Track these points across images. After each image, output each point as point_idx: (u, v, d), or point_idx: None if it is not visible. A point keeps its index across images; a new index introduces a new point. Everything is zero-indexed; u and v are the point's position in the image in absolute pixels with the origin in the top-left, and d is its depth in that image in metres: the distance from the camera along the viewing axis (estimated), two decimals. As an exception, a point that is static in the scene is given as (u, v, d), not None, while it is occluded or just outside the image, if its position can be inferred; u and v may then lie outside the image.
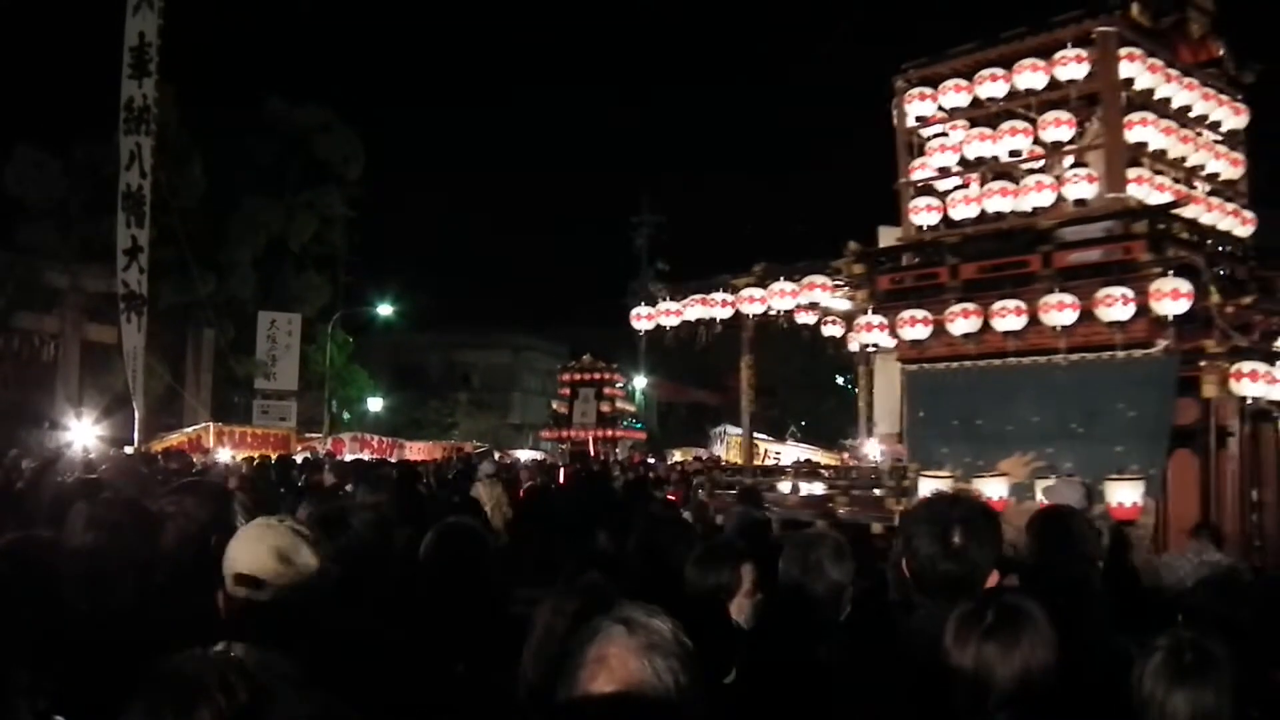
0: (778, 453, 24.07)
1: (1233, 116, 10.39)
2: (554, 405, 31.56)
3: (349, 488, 8.87)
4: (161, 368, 28.38)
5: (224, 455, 20.89)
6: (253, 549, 2.51)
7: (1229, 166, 10.37)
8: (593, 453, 27.91)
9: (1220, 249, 9.56)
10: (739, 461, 21.85)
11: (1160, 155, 9.61)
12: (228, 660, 1.99)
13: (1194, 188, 10.05)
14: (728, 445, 24.58)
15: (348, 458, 24.23)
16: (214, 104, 32.92)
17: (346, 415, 39.90)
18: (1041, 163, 9.67)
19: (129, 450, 20.05)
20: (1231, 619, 3.12)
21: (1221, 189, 10.31)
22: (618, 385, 30.90)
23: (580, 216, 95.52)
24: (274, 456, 19.67)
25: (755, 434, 25.69)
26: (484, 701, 2.97)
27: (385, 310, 39.38)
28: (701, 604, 3.28)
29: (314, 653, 2.47)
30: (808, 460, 18.41)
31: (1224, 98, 10.22)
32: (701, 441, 32.51)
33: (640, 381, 42.37)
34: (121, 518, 3.23)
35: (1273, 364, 8.54)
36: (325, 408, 34.80)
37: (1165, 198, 9.15)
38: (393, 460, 21.06)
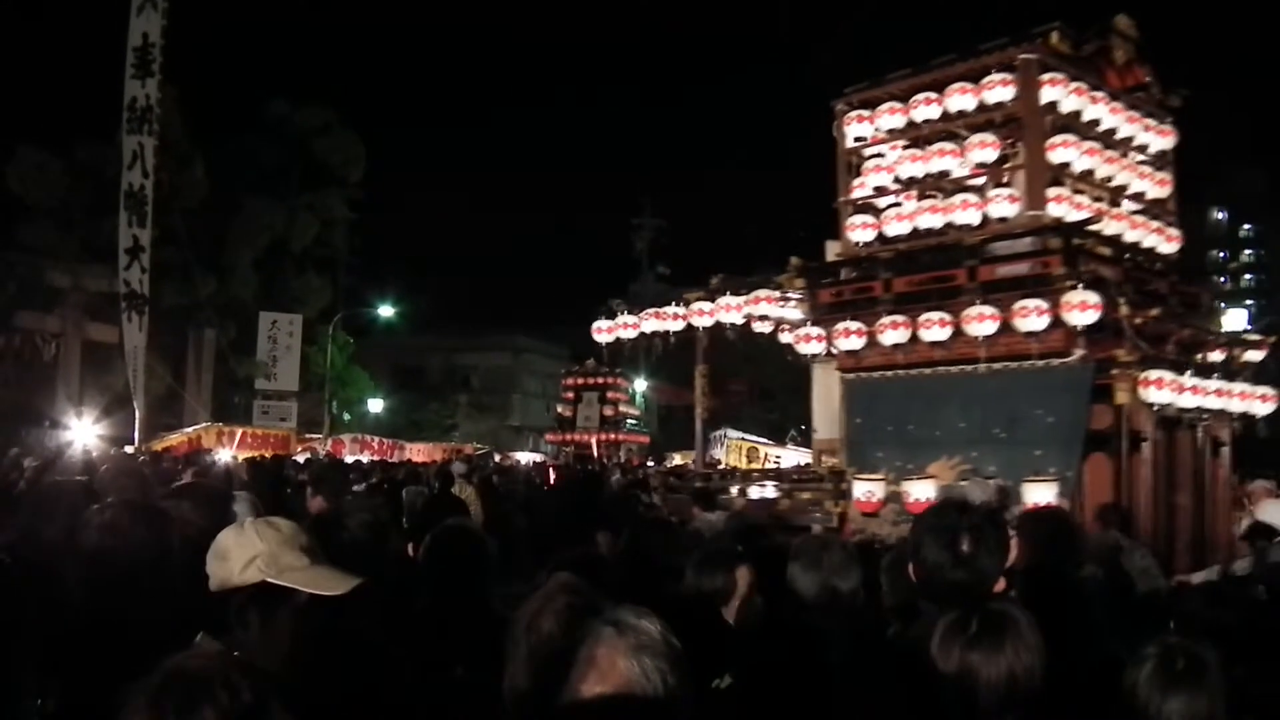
0: (778, 456, 24.06)
1: (1159, 139, 11.04)
2: (558, 409, 31.67)
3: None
4: (162, 368, 28.38)
5: (224, 455, 20.88)
6: (210, 550, 2.55)
7: (1155, 186, 10.98)
8: (596, 455, 27.99)
9: (1139, 264, 10.05)
10: (738, 465, 21.89)
11: (1084, 175, 10.16)
12: (232, 658, 2.01)
13: (1119, 206, 10.46)
14: (727, 449, 24.56)
15: (348, 459, 24.30)
16: (216, 105, 33.10)
17: (347, 416, 39.90)
18: (977, 180, 10.05)
19: (129, 449, 20.07)
20: (1220, 625, 3.15)
21: (1148, 207, 10.80)
22: (621, 389, 30.93)
23: (581, 219, 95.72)
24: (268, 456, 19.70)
25: (755, 438, 25.81)
26: (483, 704, 2.99)
27: (386, 312, 39.38)
28: (692, 606, 3.30)
29: (306, 654, 2.50)
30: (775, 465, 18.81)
31: (1151, 121, 10.92)
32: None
33: (640, 385, 42.38)
34: (127, 519, 3.25)
35: (1182, 373, 9.02)
36: (325, 409, 34.80)
37: (1084, 215, 9.58)
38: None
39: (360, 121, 40.37)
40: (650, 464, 26.97)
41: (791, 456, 23.43)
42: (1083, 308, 8.63)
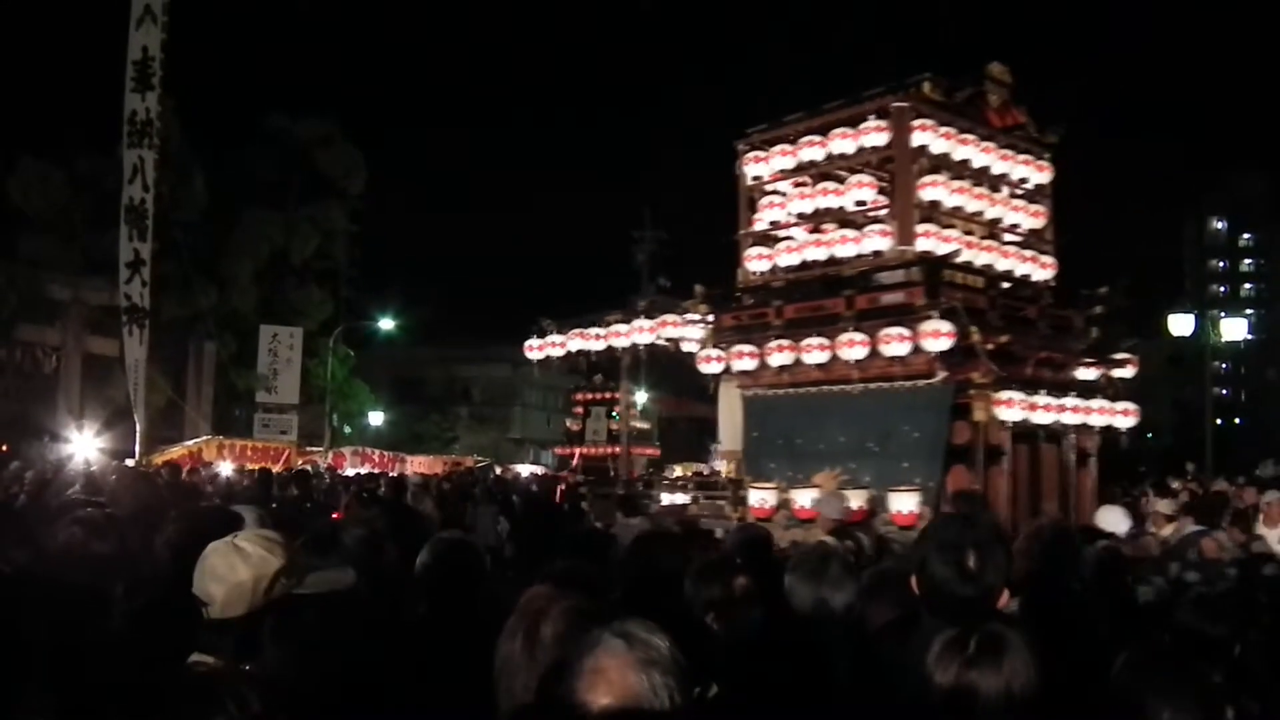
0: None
1: (1037, 173, 11.78)
2: (568, 423, 31.82)
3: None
4: (163, 381, 28.40)
5: (225, 468, 20.87)
6: (199, 569, 2.54)
7: (1031, 218, 11.77)
8: (611, 468, 28.06)
9: (1009, 291, 10.92)
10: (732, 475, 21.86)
11: (956, 211, 10.92)
12: (240, 671, 2.01)
13: (994, 238, 11.29)
14: (725, 459, 24.45)
15: (349, 472, 24.29)
16: (216, 118, 33.17)
17: (347, 429, 39.88)
18: (856, 217, 11.03)
19: (129, 462, 20.06)
20: (1215, 637, 3.14)
21: (1024, 238, 11.64)
22: (631, 404, 30.93)
23: (582, 231, 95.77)
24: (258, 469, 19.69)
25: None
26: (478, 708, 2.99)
27: (386, 324, 39.36)
28: (678, 616, 3.29)
29: (309, 667, 2.50)
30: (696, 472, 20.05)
31: (1027, 157, 11.61)
32: (702, 456, 32.43)
33: (641, 396, 42.24)
34: (125, 536, 3.26)
35: (1035, 392, 10.04)
36: (326, 421, 34.78)
37: (951, 248, 10.43)
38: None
39: (361, 133, 40.43)
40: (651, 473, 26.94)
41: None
42: (936, 335, 9.43)
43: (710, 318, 11.75)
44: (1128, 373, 11.57)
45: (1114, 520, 7.79)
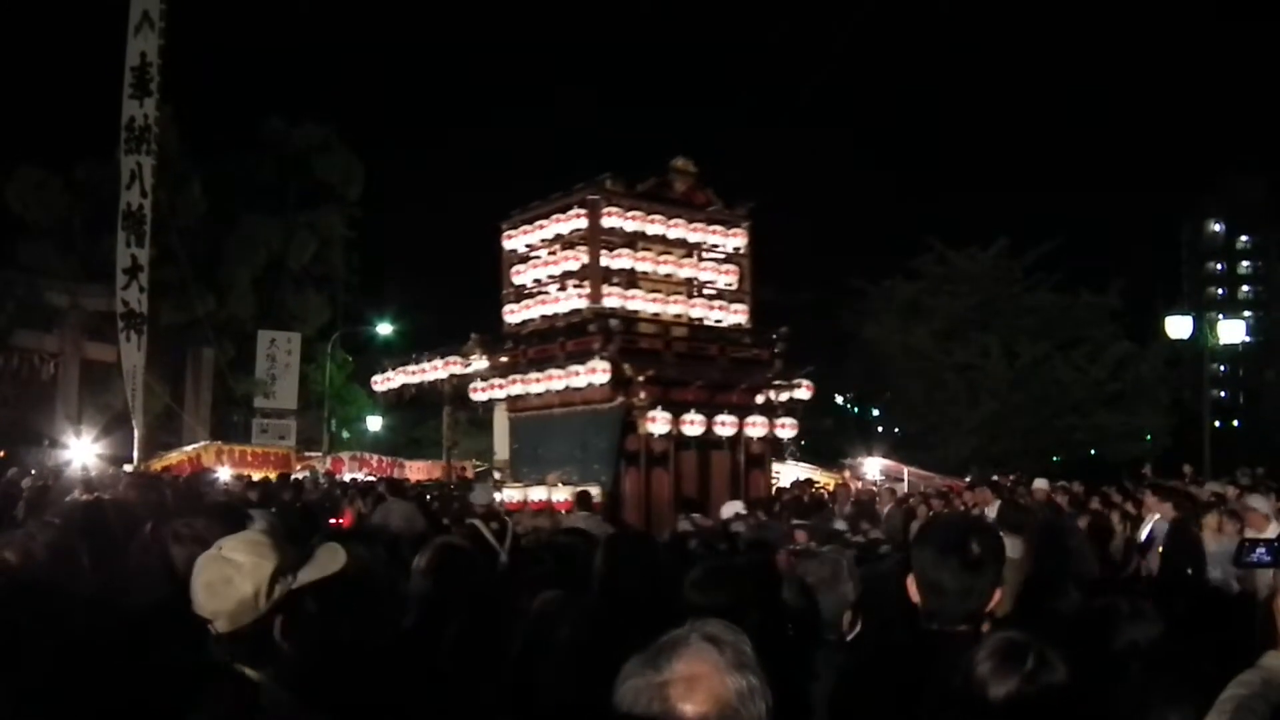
0: (777, 472, 24.03)
1: (730, 239, 14.69)
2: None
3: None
4: (161, 386, 28.37)
5: (224, 474, 20.87)
6: (194, 586, 2.51)
7: (724, 276, 14.63)
8: None
9: (693, 335, 14.05)
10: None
11: (648, 275, 13.93)
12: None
13: (690, 293, 14.33)
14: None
15: (346, 477, 24.28)
16: (214, 123, 33.09)
17: (346, 434, 39.82)
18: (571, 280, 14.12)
19: (128, 468, 20.06)
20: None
21: (719, 292, 14.55)
22: None
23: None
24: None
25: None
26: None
27: (385, 329, 39.33)
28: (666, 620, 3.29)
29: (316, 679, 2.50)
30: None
31: (719, 228, 14.58)
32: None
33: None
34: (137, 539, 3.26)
35: (686, 411, 12.96)
36: (324, 427, 34.74)
37: (636, 305, 13.60)
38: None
39: (359, 139, 40.34)
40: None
41: (791, 472, 23.41)
42: (601, 371, 12.55)
43: (484, 359, 14.78)
44: (804, 394, 14.62)
45: (731, 509, 10.65)
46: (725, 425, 13.38)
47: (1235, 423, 65.02)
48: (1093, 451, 32.97)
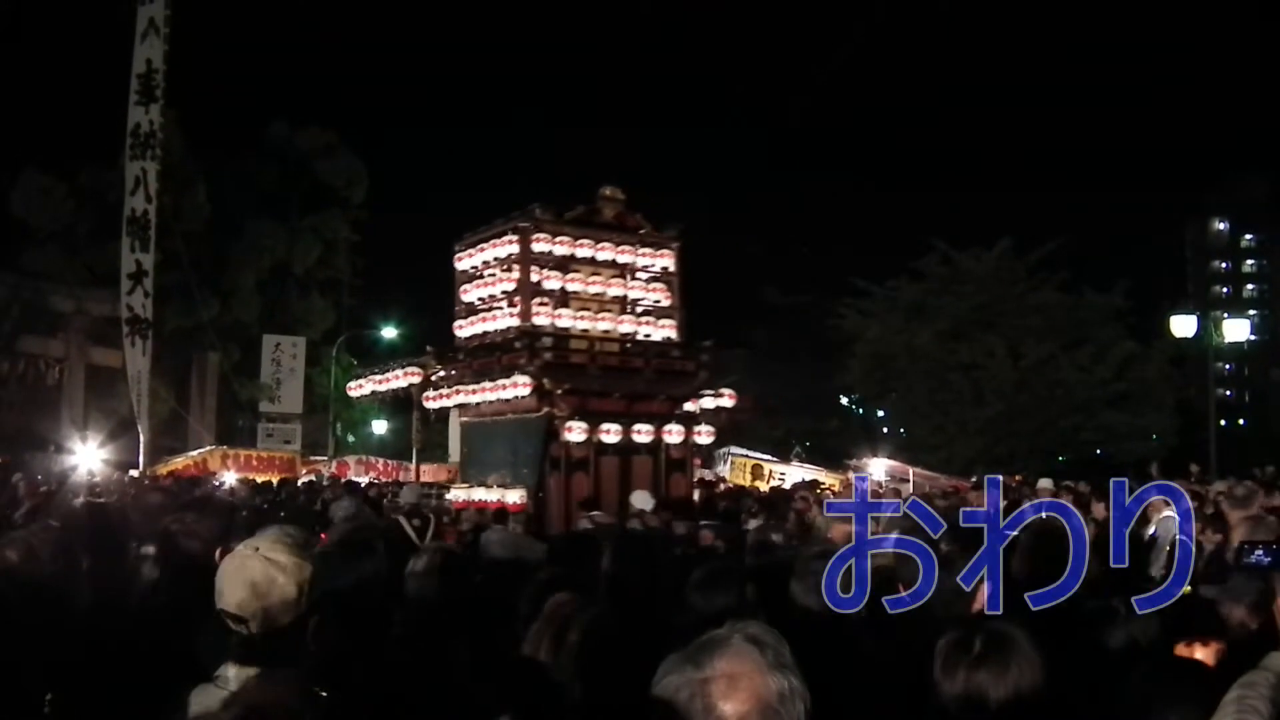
0: (782, 473, 24.03)
1: (659, 260, 15.42)
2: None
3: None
4: (166, 391, 28.43)
5: (229, 479, 20.88)
6: (231, 584, 2.48)
7: (653, 294, 15.43)
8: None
9: (624, 351, 14.78)
10: (742, 482, 21.92)
11: (578, 295, 14.73)
12: (301, 685, 1.97)
13: (621, 311, 15.06)
14: (732, 466, 24.51)
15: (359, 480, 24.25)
16: (217, 129, 33.12)
17: (351, 438, 39.86)
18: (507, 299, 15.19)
19: (133, 473, 20.08)
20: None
21: (648, 309, 15.35)
22: None
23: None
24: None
25: (759, 455, 25.77)
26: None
27: (389, 333, 39.37)
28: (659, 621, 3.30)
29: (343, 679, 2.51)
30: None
31: (649, 250, 15.33)
32: (708, 463, 32.46)
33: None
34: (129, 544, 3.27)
35: (597, 423, 13.77)
36: (330, 431, 34.79)
37: (566, 323, 14.39)
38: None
39: (362, 142, 40.38)
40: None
41: (796, 473, 23.41)
42: (515, 386, 13.68)
43: (440, 369, 15.90)
44: (727, 403, 15.85)
45: (641, 500, 11.82)
46: (642, 433, 14.42)
47: (1241, 421, 64.93)
48: (1099, 451, 32.91)
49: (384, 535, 4.63)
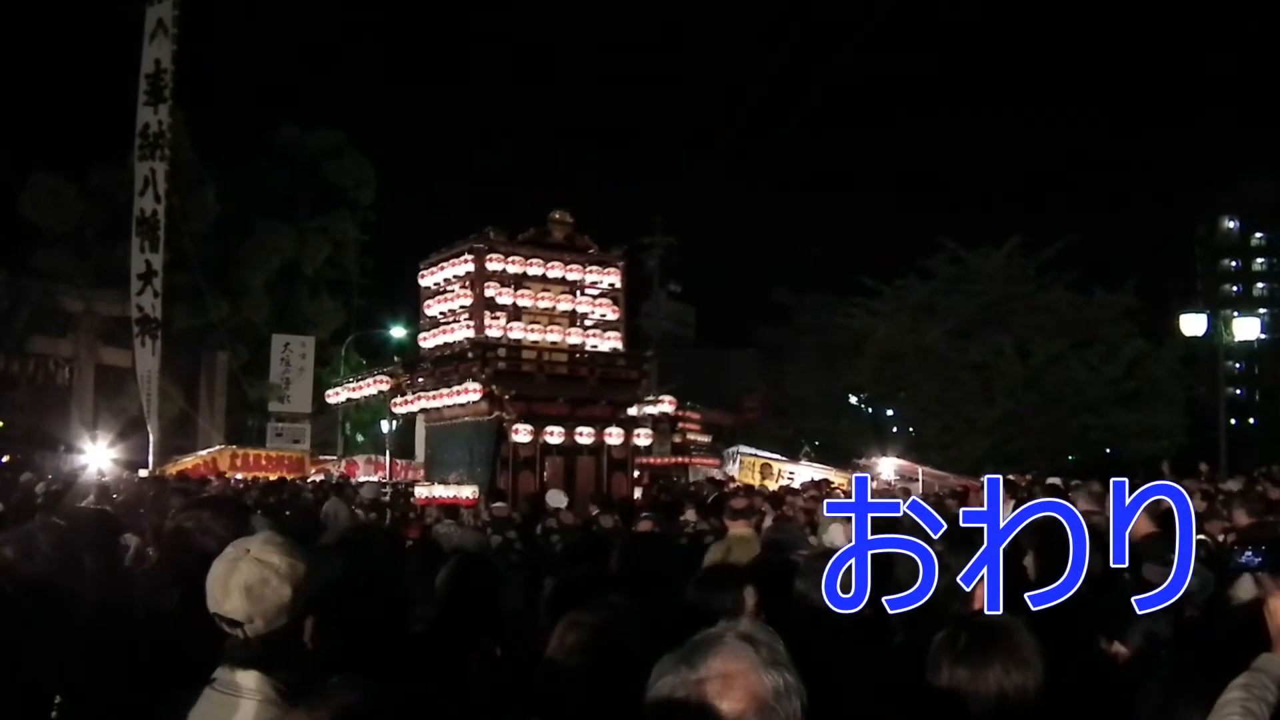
0: (791, 473, 23.99)
1: (606, 277, 17.05)
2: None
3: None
4: (175, 391, 28.47)
5: (239, 479, 20.94)
6: (223, 588, 2.44)
7: (600, 309, 16.93)
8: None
9: (573, 360, 16.35)
10: (751, 482, 21.89)
11: (528, 309, 16.20)
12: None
13: (567, 324, 16.52)
14: (741, 465, 24.48)
15: (361, 479, 24.28)
16: (227, 129, 33.28)
17: (360, 438, 39.90)
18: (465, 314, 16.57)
19: (143, 473, 20.13)
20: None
21: (596, 323, 16.84)
22: (691, 420, 30.97)
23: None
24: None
25: (768, 454, 25.74)
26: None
27: (398, 333, 39.41)
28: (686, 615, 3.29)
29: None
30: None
31: (596, 267, 16.92)
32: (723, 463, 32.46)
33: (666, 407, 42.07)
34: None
35: (542, 426, 15.22)
36: (339, 430, 34.84)
37: (518, 335, 15.84)
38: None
39: (371, 143, 40.47)
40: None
41: (805, 472, 23.37)
42: (465, 392, 15.16)
43: (406, 376, 17.43)
44: (668, 408, 17.70)
45: (556, 499, 12.36)
46: (584, 435, 15.70)
47: (1251, 420, 64.63)
48: (1109, 450, 32.82)
49: (384, 534, 4.63)
